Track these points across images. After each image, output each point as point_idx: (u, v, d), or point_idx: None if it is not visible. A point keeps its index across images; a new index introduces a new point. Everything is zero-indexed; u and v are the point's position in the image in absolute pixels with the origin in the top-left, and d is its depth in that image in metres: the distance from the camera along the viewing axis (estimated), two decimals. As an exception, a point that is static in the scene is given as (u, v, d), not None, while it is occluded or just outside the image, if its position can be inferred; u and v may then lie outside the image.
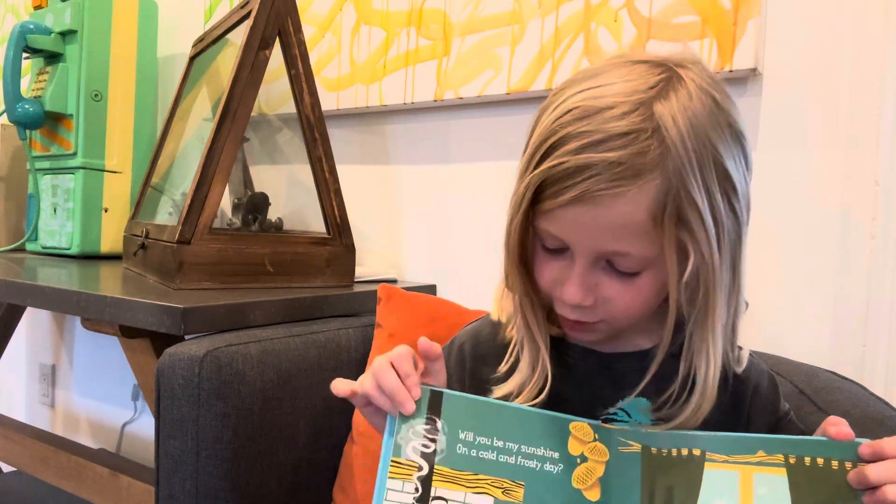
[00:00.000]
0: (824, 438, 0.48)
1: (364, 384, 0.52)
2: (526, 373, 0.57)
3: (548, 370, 0.56)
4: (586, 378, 0.59)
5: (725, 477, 0.48)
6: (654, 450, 0.50)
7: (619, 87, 0.49)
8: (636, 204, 0.48)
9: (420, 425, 0.50)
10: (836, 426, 0.49)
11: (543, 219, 0.52)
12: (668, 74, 0.50)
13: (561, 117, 0.50)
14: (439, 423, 0.50)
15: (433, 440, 0.49)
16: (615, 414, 0.57)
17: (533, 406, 0.55)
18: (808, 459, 0.47)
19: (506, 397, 0.56)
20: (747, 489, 0.47)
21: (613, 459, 0.50)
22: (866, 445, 0.47)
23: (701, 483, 0.48)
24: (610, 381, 0.58)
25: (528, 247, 0.55)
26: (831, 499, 0.46)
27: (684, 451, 0.49)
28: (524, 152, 0.53)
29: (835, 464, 0.47)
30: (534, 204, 0.51)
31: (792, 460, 0.47)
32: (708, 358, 0.52)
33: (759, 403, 0.60)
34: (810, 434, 0.53)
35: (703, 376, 0.52)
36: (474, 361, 0.63)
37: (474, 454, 0.49)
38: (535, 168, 0.50)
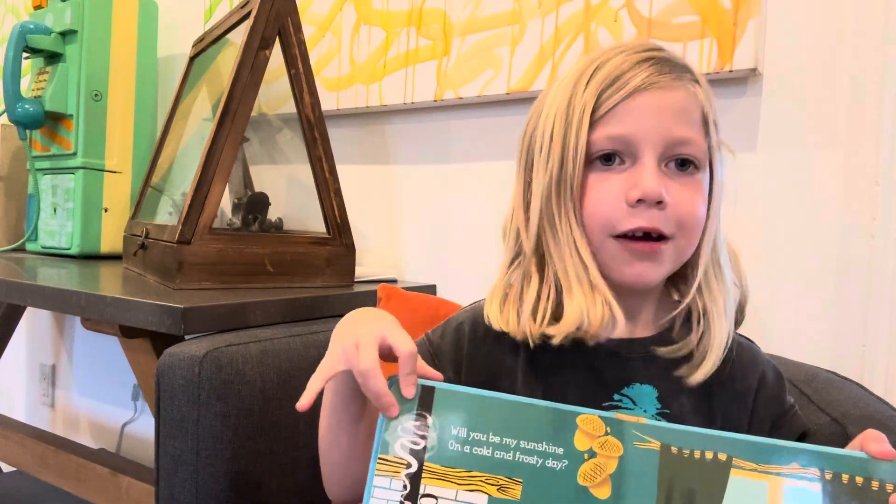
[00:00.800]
0: (865, 455, 0.45)
1: (354, 370, 0.50)
2: (581, 306, 0.52)
3: (611, 301, 0.53)
4: (591, 364, 0.57)
5: (753, 487, 0.45)
6: (674, 449, 0.46)
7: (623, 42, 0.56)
8: (691, 95, 0.53)
9: (409, 421, 0.48)
10: (878, 443, 0.45)
11: (601, 127, 0.52)
12: None
13: (592, 55, 0.55)
14: (430, 419, 0.48)
15: (423, 437, 0.48)
16: (619, 401, 0.56)
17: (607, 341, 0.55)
18: (846, 477, 0.44)
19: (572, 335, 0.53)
20: (776, 503, 0.44)
21: (627, 455, 0.46)
22: None
23: (725, 490, 0.45)
24: (615, 366, 0.57)
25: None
26: None
27: (709, 454, 0.46)
28: (544, 111, 0.56)
29: (875, 484, 0.44)
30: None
31: (828, 476, 0.44)
32: (711, 278, 0.56)
33: (765, 395, 0.58)
34: (813, 430, 0.53)
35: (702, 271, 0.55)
36: (473, 344, 0.60)
37: (467, 450, 0.47)
38: (587, 87, 0.53)
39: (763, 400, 0.58)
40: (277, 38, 0.99)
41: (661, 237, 0.52)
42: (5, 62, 1.28)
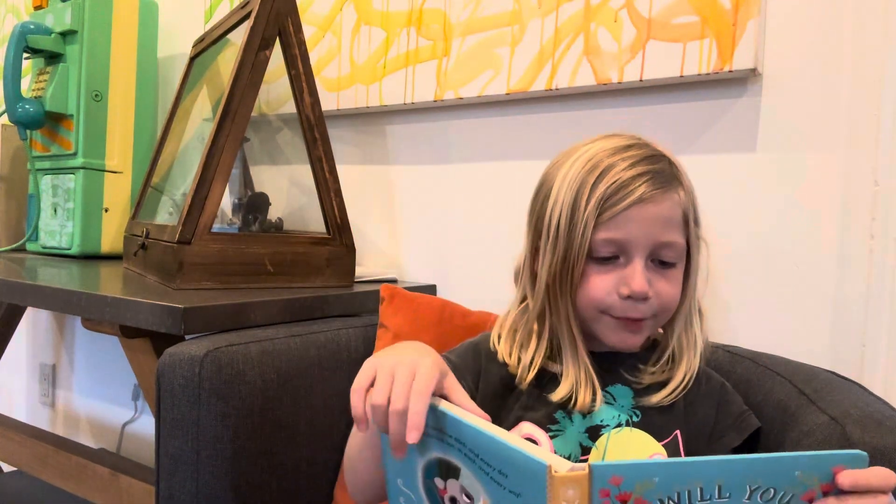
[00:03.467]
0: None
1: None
2: (573, 381, 0.67)
3: (594, 379, 0.67)
4: (587, 371, 0.68)
5: None
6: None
7: (617, 140, 0.67)
8: (675, 203, 0.65)
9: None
10: None
11: (603, 231, 0.64)
12: None
13: (595, 156, 0.66)
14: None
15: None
16: (604, 396, 0.67)
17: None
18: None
19: (563, 401, 0.66)
20: None
21: None
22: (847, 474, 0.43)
23: None
24: (604, 370, 0.69)
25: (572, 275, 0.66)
26: None
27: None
28: (551, 198, 0.67)
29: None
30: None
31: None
32: (682, 331, 0.70)
33: (726, 396, 0.71)
34: (811, 429, 0.52)
35: (679, 348, 0.69)
36: (487, 361, 0.72)
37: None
38: (592, 192, 0.64)
39: (725, 401, 0.70)
40: (277, 39, 0.99)
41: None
42: (6, 62, 1.28)
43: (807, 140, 0.87)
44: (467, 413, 0.48)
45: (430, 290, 1.17)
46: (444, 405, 0.49)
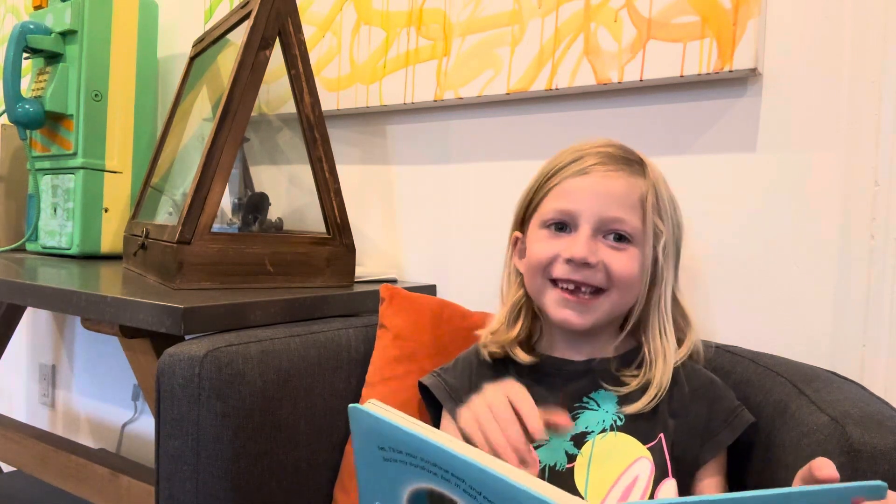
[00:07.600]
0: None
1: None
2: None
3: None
4: (568, 380, 0.71)
5: None
6: None
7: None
8: (630, 187, 0.67)
9: None
10: (828, 468, 0.46)
11: (553, 200, 0.68)
12: None
13: (564, 150, 0.71)
14: None
15: None
16: (587, 402, 0.69)
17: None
18: None
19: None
20: None
21: None
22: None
23: None
24: (586, 379, 0.70)
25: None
26: None
27: None
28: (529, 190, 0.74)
29: None
30: (543, 199, 0.70)
31: None
32: (657, 333, 0.69)
33: (718, 393, 0.71)
34: (811, 430, 0.52)
35: (653, 347, 0.69)
36: (479, 371, 0.76)
37: None
38: (551, 163, 0.70)
39: (717, 397, 0.70)
40: (277, 39, 0.99)
41: (598, 291, 0.67)
42: (5, 62, 1.28)
43: (807, 140, 0.87)
44: (470, 448, 0.46)
45: (430, 290, 1.17)
46: (441, 440, 0.46)
